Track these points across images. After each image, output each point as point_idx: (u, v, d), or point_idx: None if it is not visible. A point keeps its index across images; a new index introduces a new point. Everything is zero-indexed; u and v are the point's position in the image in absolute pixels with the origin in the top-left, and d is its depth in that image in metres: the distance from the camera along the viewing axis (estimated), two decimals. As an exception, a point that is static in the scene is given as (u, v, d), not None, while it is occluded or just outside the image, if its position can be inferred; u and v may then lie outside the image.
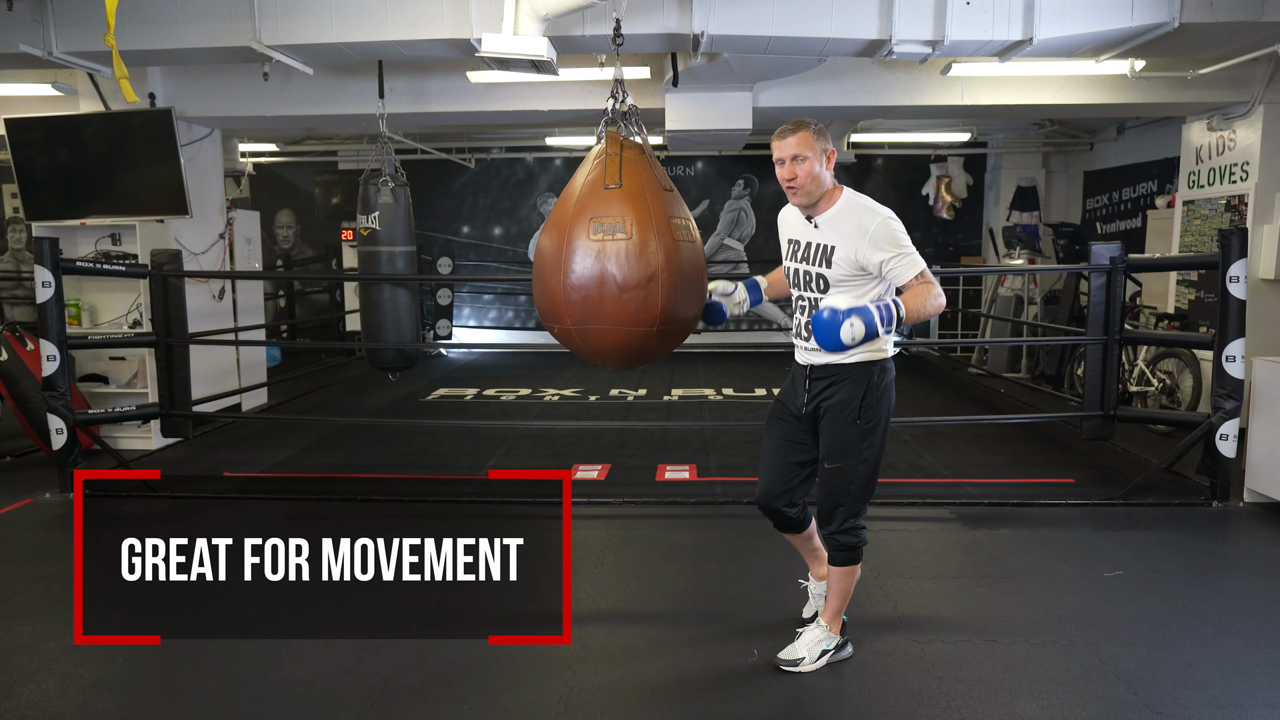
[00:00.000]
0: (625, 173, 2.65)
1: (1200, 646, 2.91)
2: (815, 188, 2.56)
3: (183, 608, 3.29)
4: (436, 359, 10.27)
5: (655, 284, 2.54)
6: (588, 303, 2.58)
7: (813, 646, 2.79)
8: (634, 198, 2.61)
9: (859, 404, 2.61)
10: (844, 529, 2.70)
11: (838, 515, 2.70)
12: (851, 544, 2.72)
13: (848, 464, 2.66)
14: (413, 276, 5.31)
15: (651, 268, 2.54)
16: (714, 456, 5.46)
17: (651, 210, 2.61)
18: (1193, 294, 6.43)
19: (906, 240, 2.53)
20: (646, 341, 2.65)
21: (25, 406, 5.34)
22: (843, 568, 2.77)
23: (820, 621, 2.84)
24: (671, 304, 2.60)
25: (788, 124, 2.58)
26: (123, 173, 5.78)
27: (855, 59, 5.45)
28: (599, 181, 2.65)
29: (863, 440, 2.64)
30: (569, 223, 2.61)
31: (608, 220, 2.56)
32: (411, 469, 5.29)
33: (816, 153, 2.53)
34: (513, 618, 3.20)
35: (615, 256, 2.53)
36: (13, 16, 4.48)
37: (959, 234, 10.52)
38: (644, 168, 2.71)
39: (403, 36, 4.42)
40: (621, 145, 2.72)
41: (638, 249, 2.54)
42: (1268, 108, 5.83)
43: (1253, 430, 4.38)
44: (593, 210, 2.59)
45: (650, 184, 2.67)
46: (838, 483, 2.68)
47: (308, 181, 10.95)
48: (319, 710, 2.56)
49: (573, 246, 2.57)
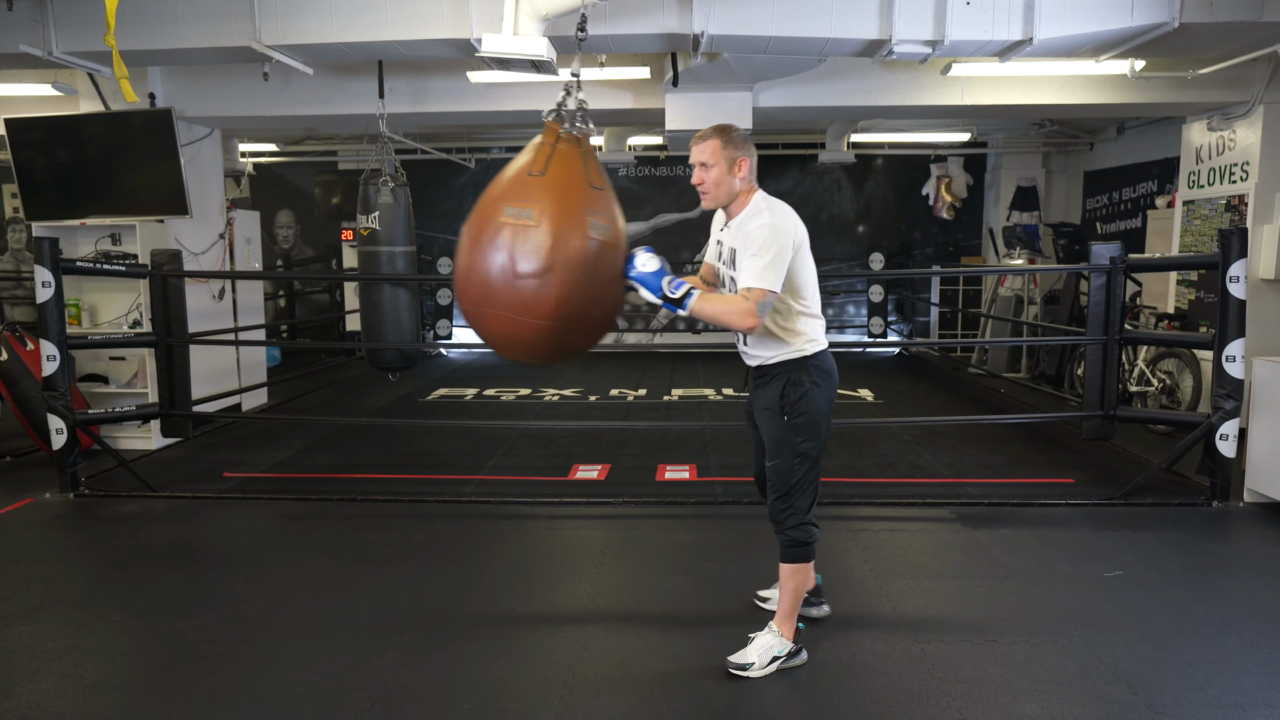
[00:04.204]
0: (553, 163, 2.60)
1: (1200, 646, 2.91)
2: (720, 193, 2.69)
3: (183, 607, 3.30)
4: (436, 359, 10.28)
5: (552, 276, 2.46)
6: (485, 285, 2.52)
7: (763, 652, 2.75)
8: (552, 188, 2.56)
9: (780, 399, 2.70)
10: (794, 525, 2.72)
11: (784, 512, 2.74)
12: (801, 539, 2.73)
13: (784, 459, 2.71)
14: (413, 276, 5.31)
15: (551, 260, 2.46)
16: (714, 456, 5.46)
17: (567, 204, 2.55)
18: (1193, 294, 6.43)
19: (772, 249, 2.53)
20: (538, 335, 2.55)
21: (25, 406, 5.34)
22: (792, 564, 2.77)
23: (771, 625, 2.81)
24: (568, 300, 2.50)
25: (704, 130, 2.71)
26: (123, 173, 5.79)
27: (855, 59, 5.45)
28: (525, 169, 2.62)
29: (794, 435, 2.69)
30: (488, 203, 2.59)
31: (520, 205, 2.51)
32: (411, 469, 5.30)
33: (723, 161, 2.65)
34: (512, 617, 3.21)
35: (516, 242, 2.47)
36: (13, 16, 4.49)
37: (959, 234, 10.51)
38: (575, 162, 2.65)
39: (403, 36, 4.42)
40: (558, 137, 2.68)
41: (540, 238, 2.47)
42: (1268, 108, 5.83)
43: (1253, 430, 4.38)
44: (511, 194, 2.56)
45: (575, 178, 2.62)
46: (779, 479, 2.73)
47: (308, 181, 10.96)
48: (319, 710, 2.56)
49: (482, 228, 2.54)
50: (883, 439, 5.86)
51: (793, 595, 2.80)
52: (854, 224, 10.52)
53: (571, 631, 3.09)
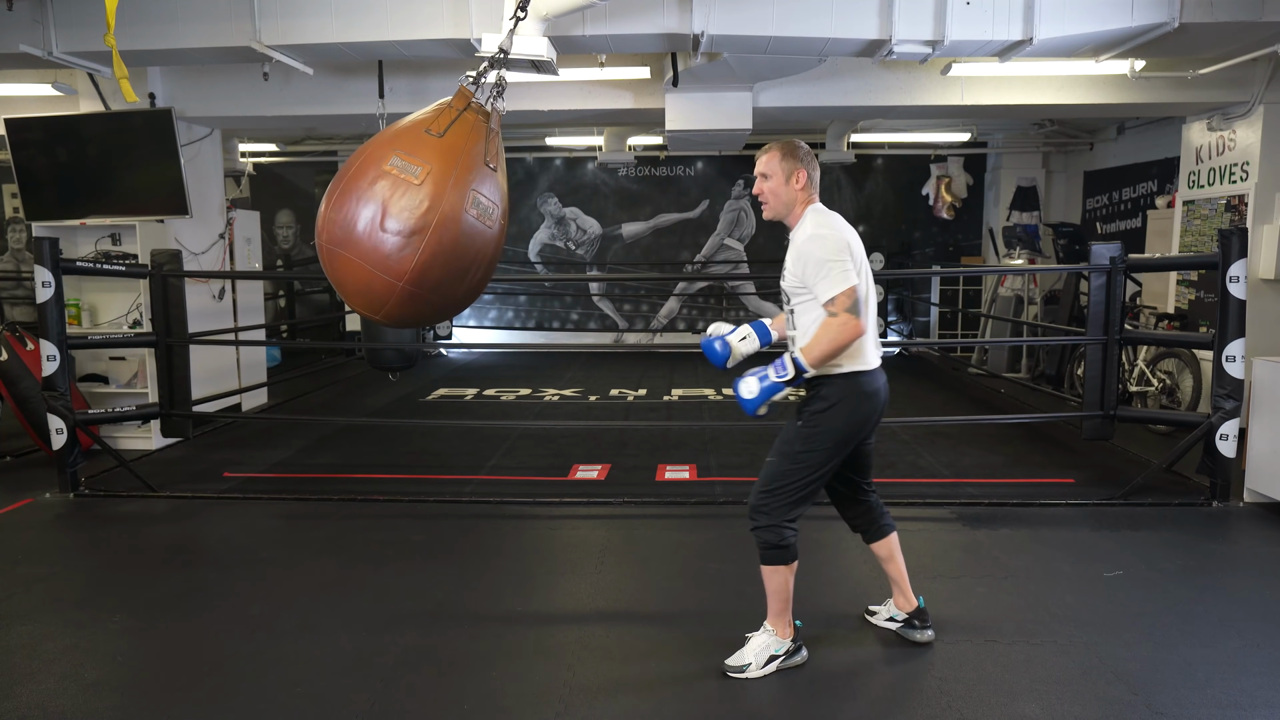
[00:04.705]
0: (454, 128, 2.54)
1: (1200, 646, 2.91)
2: (778, 204, 2.73)
3: (183, 607, 3.30)
4: (436, 359, 10.28)
5: (420, 239, 2.41)
6: (347, 227, 2.45)
7: (759, 652, 2.74)
8: (446, 153, 2.50)
9: (803, 404, 2.70)
10: (765, 525, 2.67)
11: (760, 509, 2.68)
12: (773, 541, 2.67)
13: (779, 459, 2.69)
14: (412, 276, 5.30)
15: (424, 223, 2.40)
16: (714, 456, 5.46)
17: (457, 173, 2.49)
18: (1193, 294, 6.43)
19: (827, 254, 2.54)
20: (388, 293, 2.49)
21: (25, 406, 5.34)
22: (769, 567, 2.71)
23: (765, 625, 2.79)
24: (428, 268, 2.45)
25: (769, 144, 2.75)
26: (123, 173, 5.79)
27: (855, 59, 5.45)
28: (424, 125, 2.55)
29: (799, 441, 2.66)
30: (375, 148, 2.52)
31: (408, 160, 2.44)
32: (411, 469, 5.29)
33: (780, 172, 2.68)
34: (512, 617, 3.20)
35: (394, 194, 2.41)
36: (13, 16, 4.49)
37: (959, 234, 10.51)
38: (478, 134, 2.60)
39: (403, 36, 4.42)
40: (467, 104, 2.62)
41: (419, 198, 2.41)
42: (1268, 108, 5.83)
43: (1253, 430, 4.38)
44: (402, 145, 2.49)
45: (473, 150, 2.56)
46: (767, 473, 2.70)
47: (308, 181, 10.96)
48: (319, 710, 2.56)
49: (364, 168, 2.47)
50: (883, 439, 5.86)
51: (776, 598, 2.75)
52: (854, 224, 10.33)
53: (571, 631, 3.09)
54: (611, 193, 10.78)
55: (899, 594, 3.01)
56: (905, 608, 3.01)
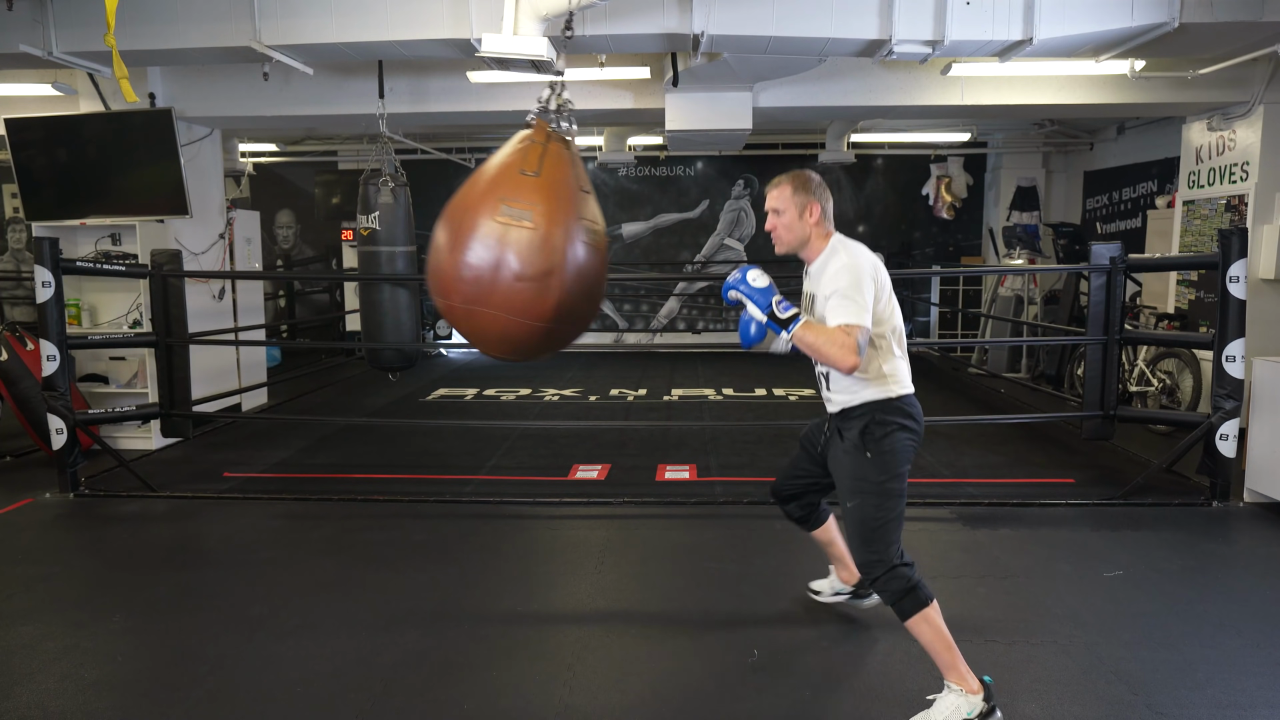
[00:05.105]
0: (546, 164, 2.58)
1: (1200, 646, 2.91)
2: (792, 238, 2.63)
3: (183, 607, 3.30)
4: (436, 359, 10.28)
5: (553, 280, 2.46)
6: (479, 284, 2.48)
7: (950, 714, 2.41)
8: (548, 190, 2.54)
9: (861, 436, 2.56)
10: (885, 575, 2.49)
11: (871, 565, 2.52)
12: (902, 588, 2.47)
13: (865, 498, 2.55)
14: (413, 276, 5.30)
15: (552, 263, 2.46)
16: (714, 456, 5.46)
17: (563, 206, 2.54)
18: (1193, 294, 6.43)
19: (857, 287, 2.43)
20: (532, 336, 2.56)
21: (25, 406, 5.34)
22: (911, 618, 2.47)
23: (949, 684, 2.45)
24: (564, 304, 2.52)
25: (778, 177, 2.66)
26: (123, 173, 5.79)
27: (855, 59, 5.45)
28: (517, 166, 2.58)
29: (876, 472, 2.54)
30: (477, 199, 2.54)
31: (517, 205, 2.47)
32: (411, 469, 5.29)
33: (794, 206, 2.59)
34: (513, 617, 3.21)
35: (517, 244, 2.45)
36: (13, 16, 4.48)
37: (959, 234, 10.51)
38: (565, 164, 2.64)
39: (403, 36, 4.42)
40: (548, 136, 2.66)
41: (541, 241, 2.45)
42: (1268, 108, 5.83)
43: (1253, 430, 4.38)
44: (504, 192, 2.51)
45: (568, 180, 2.61)
46: (860, 522, 2.54)
47: (308, 181, 10.96)
48: (319, 710, 2.56)
49: (475, 224, 2.49)
50: (883, 439, 5.85)
51: (937, 648, 2.47)
52: (854, 224, 10.51)
53: (571, 631, 3.09)
54: (611, 193, 10.78)
55: (843, 569, 3.17)
56: (850, 580, 3.18)
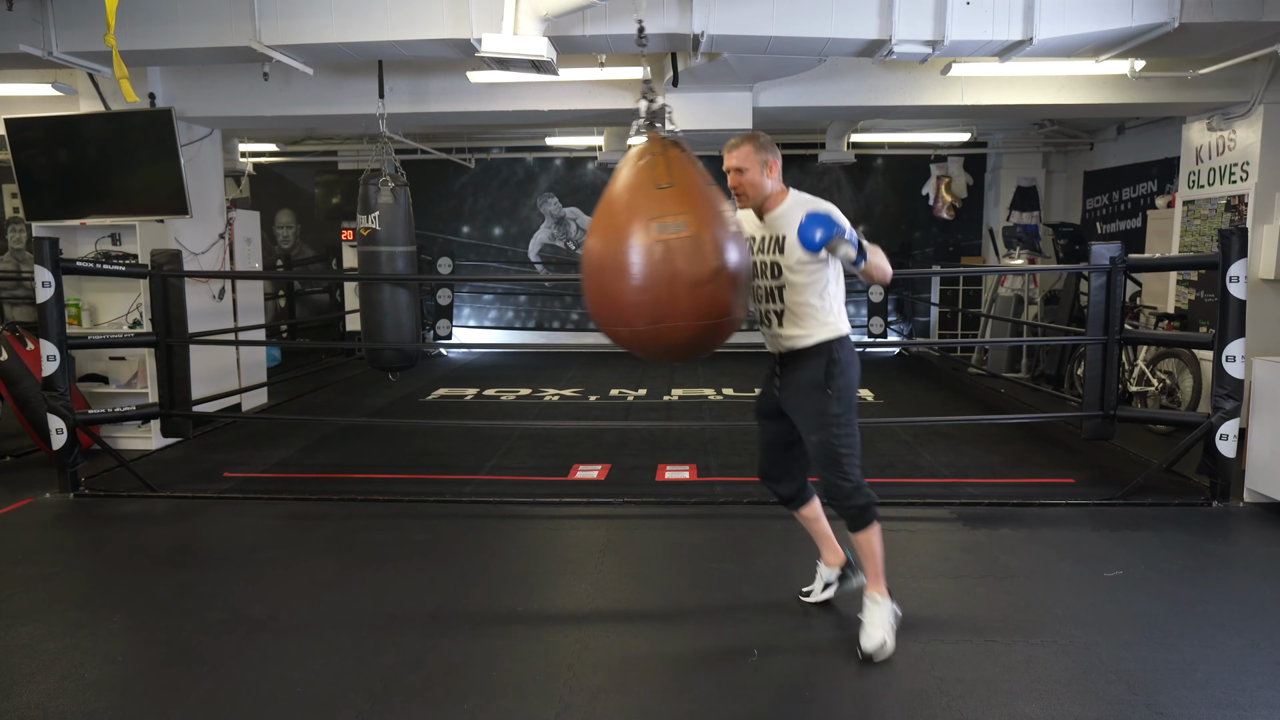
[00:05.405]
0: (674, 172, 2.67)
1: (1200, 646, 2.91)
2: (756, 194, 2.87)
3: (183, 607, 3.30)
4: (436, 359, 10.28)
5: (722, 275, 2.58)
6: (659, 303, 2.58)
7: (885, 624, 2.86)
8: (688, 195, 2.63)
9: (824, 375, 2.82)
10: (851, 492, 2.83)
11: (839, 484, 2.83)
12: (863, 503, 2.84)
13: (827, 431, 2.83)
14: (413, 276, 5.31)
15: (716, 261, 2.57)
16: (714, 456, 5.46)
17: (705, 205, 2.64)
18: (1193, 294, 6.43)
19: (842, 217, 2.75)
20: (716, 333, 2.69)
21: (25, 406, 5.34)
22: (864, 532, 2.88)
23: (874, 596, 2.91)
24: (734, 297, 2.65)
25: (734, 138, 2.90)
26: (123, 173, 5.79)
27: (855, 59, 5.45)
28: (648, 183, 2.65)
29: (835, 406, 2.82)
30: (624, 225, 2.61)
31: (669, 219, 2.57)
32: (411, 469, 5.29)
33: (757, 165, 2.84)
34: (513, 617, 3.21)
35: (682, 254, 2.55)
36: (13, 16, 4.49)
37: (959, 234, 10.51)
38: (689, 165, 2.73)
39: (403, 36, 4.42)
40: (664, 145, 2.75)
41: (701, 244, 2.57)
42: (1268, 108, 5.83)
43: (1253, 430, 4.38)
44: (649, 211, 2.60)
45: (698, 180, 2.71)
46: (825, 451, 2.84)
47: (308, 181, 10.96)
48: (319, 710, 2.56)
49: (635, 248, 2.57)
50: (883, 439, 5.86)
51: (874, 559, 2.91)
52: (854, 224, 10.45)
53: (571, 631, 3.09)
54: (611, 193, 10.77)
55: (829, 551, 3.24)
56: (836, 562, 3.25)
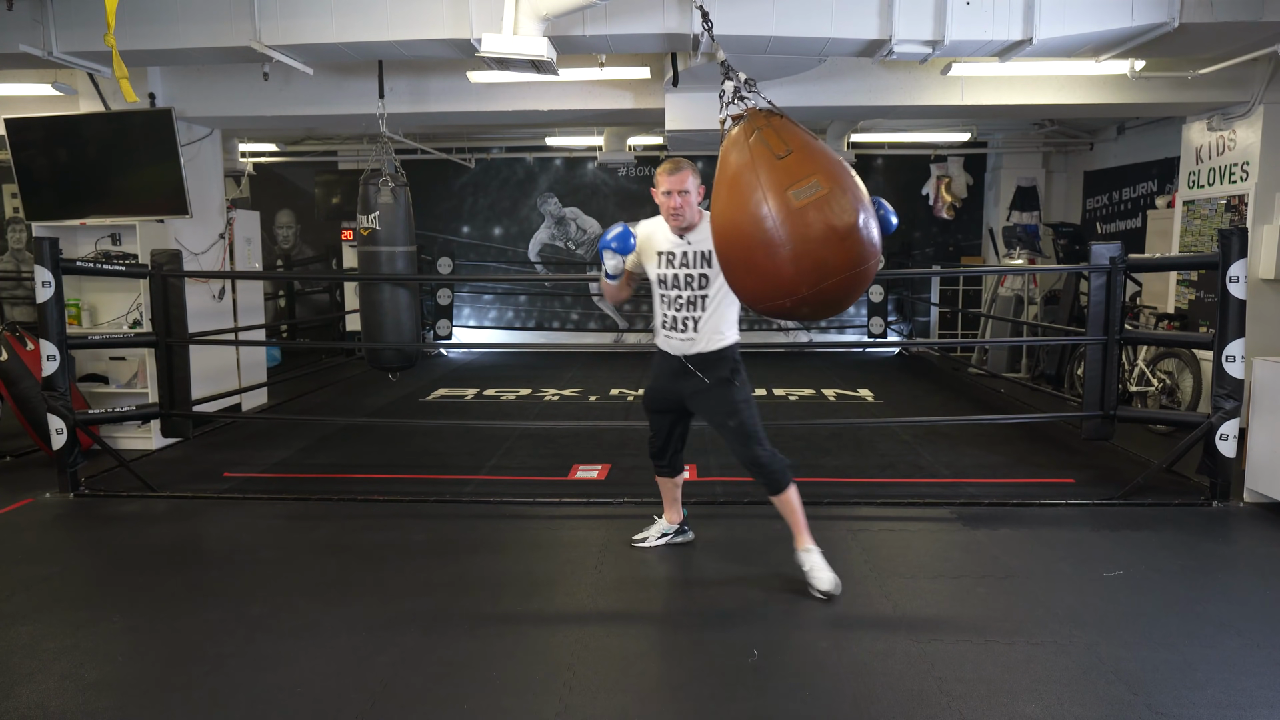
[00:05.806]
0: (786, 139, 2.71)
1: (1200, 646, 2.91)
2: (692, 215, 3.29)
3: (183, 607, 3.30)
4: (436, 359, 10.28)
5: (864, 218, 2.65)
6: (820, 265, 2.63)
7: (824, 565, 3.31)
8: (808, 155, 2.68)
9: (731, 374, 3.37)
10: (768, 458, 3.32)
11: (759, 457, 3.31)
12: (781, 465, 3.34)
13: (741, 415, 3.34)
14: (413, 276, 5.31)
15: (855, 208, 2.63)
16: (714, 456, 5.46)
17: (826, 159, 2.69)
18: (1193, 294, 6.43)
19: None
20: (869, 275, 2.76)
21: (25, 406, 5.34)
22: (782, 494, 3.35)
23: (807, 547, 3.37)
24: (876, 228, 2.72)
25: (670, 163, 3.26)
26: (123, 173, 5.79)
27: (855, 59, 5.45)
28: (768, 156, 2.68)
29: (740, 393, 3.37)
30: (760, 201, 2.64)
31: (802, 184, 2.61)
32: (411, 469, 5.29)
33: (695, 189, 3.26)
34: (512, 617, 3.20)
35: (827, 210, 2.60)
36: (13, 16, 4.49)
37: (959, 234, 10.51)
38: (793, 126, 2.77)
39: (403, 36, 4.42)
40: (766, 117, 2.79)
41: (840, 196, 2.62)
42: (1268, 108, 5.83)
43: (1253, 430, 4.38)
44: (780, 182, 2.63)
45: (806, 137, 2.75)
46: (743, 432, 3.34)
47: (308, 181, 10.96)
48: (319, 710, 2.56)
49: (781, 222, 2.61)
50: (883, 439, 5.86)
51: (796, 515, 3.38)
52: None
53: (571, 631, 3.09)
54: (612, 193, 10.79)
55: (673, 511, 3.88)
56: (676, 519, 3.88)
